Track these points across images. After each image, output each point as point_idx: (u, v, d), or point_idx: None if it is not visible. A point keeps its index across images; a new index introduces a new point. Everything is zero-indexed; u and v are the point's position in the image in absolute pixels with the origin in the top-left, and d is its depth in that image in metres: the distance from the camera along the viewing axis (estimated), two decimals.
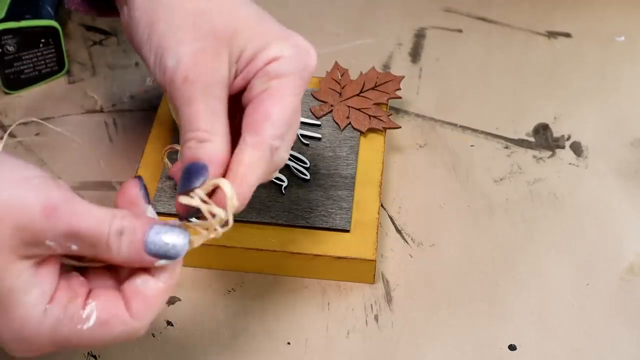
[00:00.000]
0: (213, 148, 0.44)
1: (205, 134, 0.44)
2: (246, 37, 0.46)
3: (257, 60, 0.46)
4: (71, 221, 0.39)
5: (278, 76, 0.45)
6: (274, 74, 0.45)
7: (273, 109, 0.45)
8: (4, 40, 0.67)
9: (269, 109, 0.45)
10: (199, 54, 0.45)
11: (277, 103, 0.45)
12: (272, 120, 0.44)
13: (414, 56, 0.75)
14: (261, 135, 0.44)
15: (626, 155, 0.67)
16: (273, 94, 0.45)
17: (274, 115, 0.44)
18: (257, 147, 0.44)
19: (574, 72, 0.74)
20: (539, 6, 0.80)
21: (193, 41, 0.45)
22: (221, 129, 0.44)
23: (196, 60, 0.44)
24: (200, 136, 0.44)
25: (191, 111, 0.44)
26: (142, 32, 0.47)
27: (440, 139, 0.68)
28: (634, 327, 0.56)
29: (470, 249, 0.61)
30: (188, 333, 0.56)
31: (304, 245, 0.57)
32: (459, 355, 0.55)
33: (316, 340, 0.55)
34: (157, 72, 0.46)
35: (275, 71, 0.45)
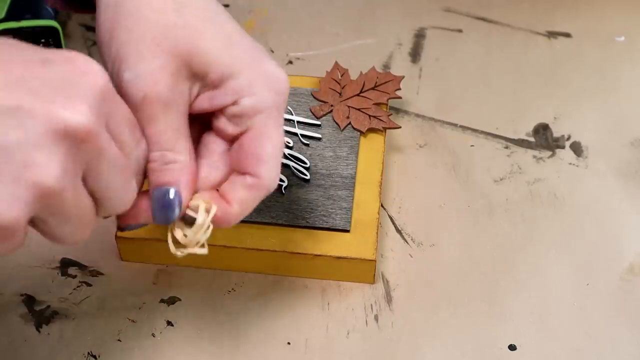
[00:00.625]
0: (179, 169, 0.44)
1: (170, 154, 0.44)
2: (210, 59, 0.45)
3: (225, 88, 0.45)
4: None
5: (256, 113, 0.45)
6: (252, 112, 0.45)
7: (264, 151, 0.45)
8: None
9: (260, 151, 0.45)
10: (159, 72, 0.43)
11: (265, 143, 0.45)
12: (265, 162, 0.45)
13: (414, 56, 0.75)
14: (261, 179, 0.45)
15: (626, 155, 0.67)
16: (260, 133, 0.45)
17: (265, 156, 0.45)
18: (256, 189, 0.46)
19: (574, 72, 0.74)
20: (539, 6, 0.80)
21: (153, 58, 0.43)
22: (185, 146, 0.44)
23: (155, 78, 0.43)
24: (166, 157, 0.44)
25: (153, 131, 0.44)
26: (103, 35, 0.45)
27: (440, 139, 0.68)
28: (634, 327, 0.56)
29: (470, 249, 0.61)
30: (188, 333, 0.56)
31: (304, 245, 0.57)
32: (459, 355, 0.55)
33: (316, 340, 0.55)
34: (113, 80, 0.44)
35: (251, 108, 0.45)
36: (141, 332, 0.56)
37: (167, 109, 0.44)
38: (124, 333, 0.55)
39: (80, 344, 0.55)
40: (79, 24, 0.78)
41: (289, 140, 0.63)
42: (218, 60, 0.44)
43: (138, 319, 0.56)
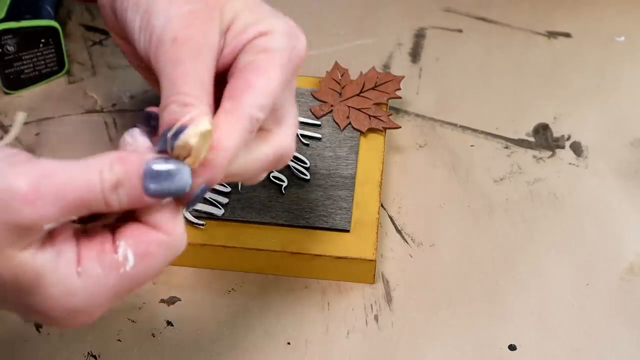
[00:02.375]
0: (197, 114, 0.40)
1: (190, 99, 0.40)
2: (238, 8, 0.44)
3: (246, 32, 0.43)
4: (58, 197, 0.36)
5: (266, 50, 0.43)
6: (262, 48, 0.43)
7: (256, 80, 0.42)
8: (4, 40, 0.67)
9: (252, 79, 0.42)
10: (191, 15, 0.42)
11: (262, 75, 0.42)
12: (253, 89, 0.42)
13: (414, 56, 0.75)
14: (240, 102, 0.41)
15: (626, 155, 0.67)
16: (258, 66, 0.43)
17: (256, 85, 0.42)
18: (235, 113, 0.41)
19: (574, 72, 0.74)
20: (539, 6, 0.80)
21: (185, 3, 0.42)
22: (206, 98, 0.41)
23: (188, 20, 0.42)
24: (184, 99, 0.40)
25: (177, 74, 0.41)
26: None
27: (440, 139, 0.68)
28: (634, 327, 0.56)
29: (470, 249, 0.61)
30: (188, 333, 0.56)
31: (304, 245, 0.57)
32: (459, 355, 0.55)
33: (316, 340, 0.55)
34: (142, 36, 0.43)
35: (263, 45, 0.43)
36: (141, 332, 0.56)
37: (196, 53, 0.41)
38: (124, 333, 0.55)
39: (80, 344, 0.55)
40: (79, 24, 0.78)
41: None
42: (246, 10, 0.44)
43: (138, 319, 0.56)
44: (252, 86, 0.42)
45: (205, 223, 0.58)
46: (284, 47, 0.43)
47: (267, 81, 0.42)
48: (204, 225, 0.58)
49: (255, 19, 0.44)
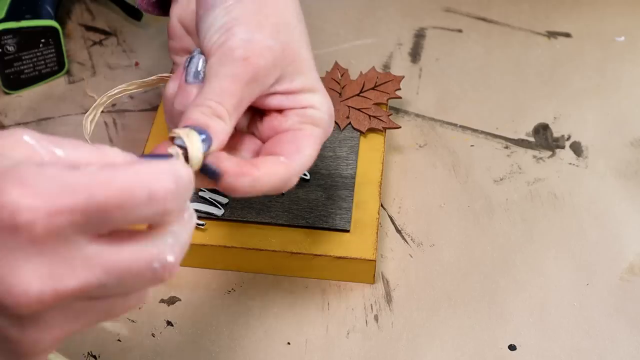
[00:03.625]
0: (223, 127, 0.45)
1: (224, 113, 0.45)
2: (302, 71, 0.49)
3: (302, 96, 0.49)
4: None
5: (314, 124, 0.49)
6: (312, 120, 0.49)
7: (306, 148, 0.48)
8: (4, 40, 0.67)
9: (303, 147, 0.48)
10: (267, 50, 0.46)
11: (310, 145, 0.49)
12: (303, 155, 0.48)
13: (414, 56, 0.75)
14: (293, 162, 0.47)
15: (626, 155, 0.67)
16: (308, 136, 0.49)
17: (305, 152, 0.48)
18: (285, 167, 0.47)
19: (574, 72, 0.74)
20: (539, 6, 0.80)
21: (269, 37, 0.47)
22: (234, 121, 0.46)
23: (262, 52, 0.46)
24: (219, 111, 0.45)
25: (227, 88, 0.45)
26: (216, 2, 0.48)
27: (440, 139, 0.68)
28: (634, 327, 0.56)
29: (470, 249, 0.61)
30: (188, 333, 0.56)
31: (304, 245, 0.57)
32: (459, 355, 0.55)
33: (316, 340, 0.55)
34: (214, 36, 0.47)
35: (313, 118, 0.49)
36: (141, 332, 0.56)
37: (253, 82, 0.46)
38: (124, 333, 0.55)
39: (80, 344, 0.55)
40: (78, 24, 0.78)
41: None
42: (307, 75, 0.49)
43: (138, 319, 0.56)
44: (302, 153, 0.48)
45: (205, 223, 0.58)
46: (326, 125, 0.50)
47: (311, 152, 0.49)
48: (204, 225, 0.58)
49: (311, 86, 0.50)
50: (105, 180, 0.35)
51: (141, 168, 0.36)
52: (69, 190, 0.34)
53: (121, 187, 0.35)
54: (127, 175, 0.35)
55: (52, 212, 0.34)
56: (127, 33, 0.77)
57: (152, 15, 0.65)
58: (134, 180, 0.35)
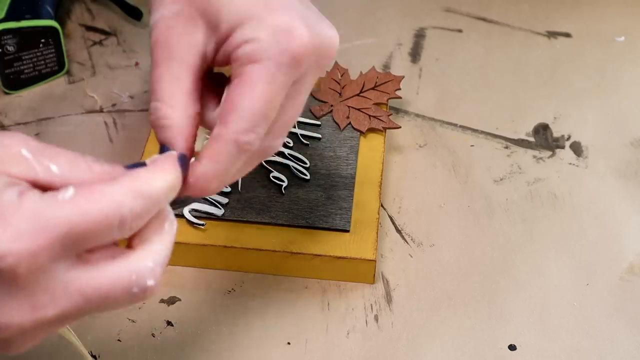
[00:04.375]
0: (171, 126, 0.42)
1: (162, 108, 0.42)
2: (221, 9, 0.43)
3: (232, 38, 0.42)
4: None
5: (250, 61, 0.41)
6: (246, 59, 0.42)
7: (241, 100, 0.41)
8: (4, 40, 0.67)
9: (236, 100, 0.41)
10: (173, 18, 0.43)
11: (247, 93, 0.41)
12: (238, 112, 0.41)
13: (414, 56, 0.75)
14: (227, 127, 0.41)
15: (626, 155, 0.67)
16: (243, 81, 0.41)
17: (241, 106, 0.41)
18: (222, 140, 0.41)
19: (574, 72, 0.74)
20: (539, 6, 0.80)
21: (171, 4, 0.43)
22: (180, 100, 0.42)
23: (168, 24, 0.43)
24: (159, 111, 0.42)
25: (153, 77, 0.43)
26: None
27: (440, 139, 0.68)
28: (634, 327, 0.56)
29: (470, 249, 0.61)
30: (188, 333, 0.56)
31: (304, 245, 0.57)
32: (459, 355, 0.55)
33: (316, 340, 0.55)
34: None
35: (247, 56, 0.42)
36: (141, 332, 0.56)
37: (171, 57, 0.42)
38: (124, 333, 0.55)
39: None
40: (79, 24, 0.78)
41: (289, 140, 0.63)
42: (230, 10, 0.42)
43: (138, 319, 0.56)
44: (236, 109, 0.41)
45: (205, 223, 0.58)
46: (271, 54, 0.41)
47: (252, 100, 0.41)
48: (204, 225, 0.58)
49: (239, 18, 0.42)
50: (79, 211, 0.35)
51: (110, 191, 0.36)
52: (48, 225, 0.35)
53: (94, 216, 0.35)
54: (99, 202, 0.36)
55: (34, 252, 0.35)
56: (127, 33, 0.77)
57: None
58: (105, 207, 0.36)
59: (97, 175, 0.38)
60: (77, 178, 0.38)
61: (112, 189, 0.37)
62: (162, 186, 0.38)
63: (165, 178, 0.39)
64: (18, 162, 0.37)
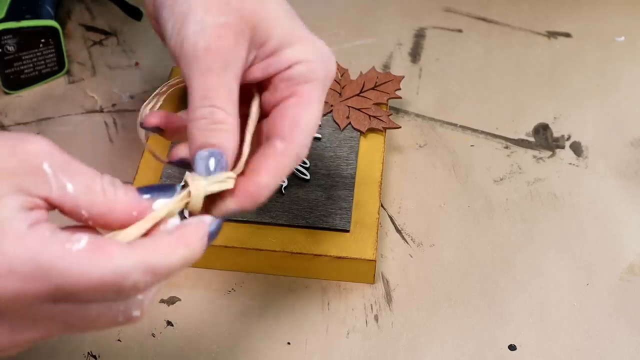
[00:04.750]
0: (228, 131, 0.42)
1: (221, 113, 0.42)
2: (271, 27, 0.45)
3: (280, 56, 0.45)
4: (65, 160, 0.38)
5: (306, 81, 0.45)
6: (302, 79, 0.45)
7: (302, 116, 0.44)
8: (4, 40, 0.67)
9: (298, 116, 0.44)
10: (224, 28, 0.43)
11: (306, 110, 0.44)
12: (301, 128, 0.44)
13: (414, 56, 0.75)
14: (292, 143, 0.44)
15: (626, 155, 0.67)
16: (301, 100, 0.45)
17: (302, 122, 0.44)
18: (286, 155, 0.44)
19: (574, 72, 0.74)
20: (539, 6, 0.80)
21: (220, 14, 0.43)
22: (235, 110, 0.43)
23: (220, 33, 0.43)
24: (216, 116, 0.42)
25: (208, 85, 0.42)
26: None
27: (440, 139, 0.68)
28: (634, 327, 0.56)
29: (470, 249, 0.61)
30: (188, 333, 0.56)
31: (304, 245, 0.57)
32: (459, 355, 0.55)
33: (316, 340, 0.55)
34: (173, 38, 0.44)
35: (302, 76, 0.45)
36: (141, 332, 0.56)
37: (226, 66, 0.43)
38: (124, 333, 0.55)
39: (80, 344, 0.55)
40: (78, 24, 0.78)
41: None
42: (279, 29, 0.45)
43: None
44: (299, 125, 0.44)
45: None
46: (321, 76, 0.45)
47: (310, 117, 0.44)
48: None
49: (288, 40, 0.45)
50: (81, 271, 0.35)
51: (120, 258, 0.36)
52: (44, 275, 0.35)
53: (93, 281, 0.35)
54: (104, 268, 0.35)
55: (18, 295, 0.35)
56: (127, 33, 0.77)
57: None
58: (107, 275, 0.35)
59: (109, 202, 0.38)
60: (89, 202, 0.38)
61: (123, 257, 0.36)
62: (179, 263, 0.38)
63: (186, 255, 0.38)
64: (36, 176, 0.37)
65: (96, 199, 0.38)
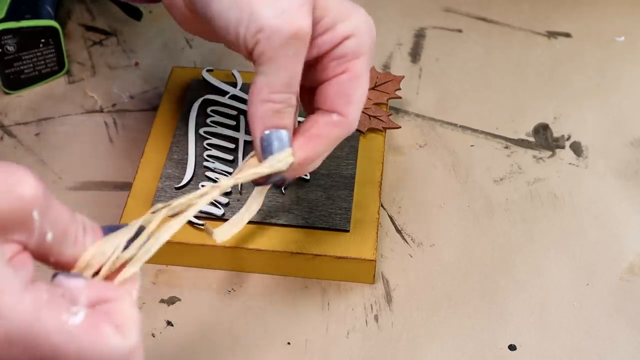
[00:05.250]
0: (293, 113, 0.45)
1: (294, 99, 0.45)
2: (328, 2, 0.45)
3: (335, 31, 0.46)
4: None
5: (356, 57, 0.46)
6: (352, 55, 0.46)
7: (356, 92, 0.46)
8: (4, 40, 0.67)
9: (352, 92, 0.46)
10: (302, 9, 0.43)
11: (358, 86, 0.47)
12: (354, 102, 0.47)
13: (414, 56, 0.75)
14: (347, 117, 0.47)
15: (626, 155, 0.67)
16: (352, 76, 0.46)
17: (356, 98, 0.47)
18: (343, 127, 0.47)
19: (574, 72, 0.74)
20: (539, 6, 0.80)
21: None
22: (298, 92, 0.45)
23: (303, 14, 0.43)
24: (291, 101, 0.45)
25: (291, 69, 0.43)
26: None
27: (440, 139, 0.68)
28: (634, 327, 0.56)
29: (470, 249, 0.61)
30: (188, 333, 0.56)
31: (304, 245, 0.57)
32: (459, 355, 0.55)
33: (316, 340, 0.55)
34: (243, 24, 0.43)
35: (352, 52, 0.46)
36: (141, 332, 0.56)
37: (305, 49, 0.44)
38: None
39: None
40: (78, 24, 0.78)
41: None
42: (333, 3, 0.45)
43: None
44: (352, 100, 0.47)
45: (205, 223, 0.58)
46: (369, 48, 0.47)
47: (363, 91, 0.47)
48: (204, 225, 0.58)
49: (340, 13, 0.46)
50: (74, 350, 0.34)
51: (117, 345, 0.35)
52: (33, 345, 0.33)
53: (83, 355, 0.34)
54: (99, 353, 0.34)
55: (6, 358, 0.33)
56: (127, 33, 0.77)
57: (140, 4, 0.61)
58: None
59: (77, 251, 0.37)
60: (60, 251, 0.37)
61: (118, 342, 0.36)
62: None
63: None
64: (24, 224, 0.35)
65: (67, 248, 0.37)
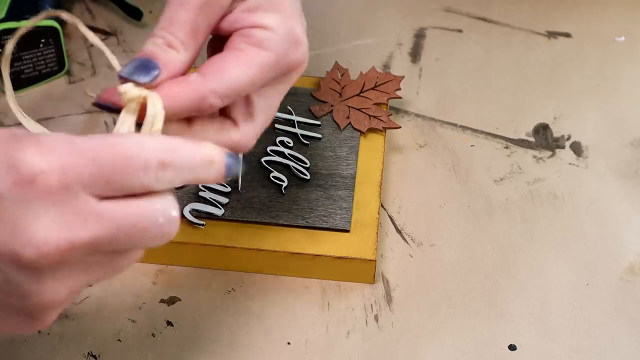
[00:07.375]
0: (176, 58, 0.43)
1: (179, 44, 0.43)
2: None
3: (253, 16, 0.44)
4: None
5: (258, 45, 0.44)
6: (255, 42, 0.44)
7: (232, 70, 0.43)
8: (4, 40, 0.67)
9: (228, 67, 0.43)
10: None
11: (240, 67, 0.43)
12: (223, 76, 0.43)
13: (414, 56, 0.75)
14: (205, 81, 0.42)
15: (626, 155, 0.67)
16: (242, 58, 0.43)
17: (229, 73, 0.43)
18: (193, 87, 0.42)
19: (574, 72, 0.74)
20: (539, 6, 0.80)
21: None
22: (194, 50, 0.43)
23: None
24: (172, 42, 0.43)
25: (179, 16, 0.43)
26: None
27: (440, 139, 0.68)
28: (634, 327, 0.56)
29: (470, 249, 0.61)
30: (188, 333, 0.56)
31: (304, 245, 0.57)
32: (459, 355, 0.55)
33: (316, 340, 0.55)
34: None
35: (259, 41, 0.44)
36: (141, 332, 0.56)
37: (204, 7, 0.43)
38: (124, 333, 0.55)
39: (80, 344, 0.55)
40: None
41: (289, 140, 0.63)
42: None
43: (138, 319, 0.56)
44: (224, 73, 0.43)
45: (205, 223, 0.58)
46: (276, 50, 0.44)
47: (240, 74, 0.43)
48: (204, 225, 0.58)
49: (272, 6, 0.45)
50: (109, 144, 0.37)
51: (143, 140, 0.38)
52: (79, 151, 0.37)
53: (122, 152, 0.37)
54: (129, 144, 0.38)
55: (65, 167, 0.36)
56: (127, 33, 0.77)
57: None
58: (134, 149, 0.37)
59: None
60: None
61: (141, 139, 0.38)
62: None
63: None
64: None
65: None
